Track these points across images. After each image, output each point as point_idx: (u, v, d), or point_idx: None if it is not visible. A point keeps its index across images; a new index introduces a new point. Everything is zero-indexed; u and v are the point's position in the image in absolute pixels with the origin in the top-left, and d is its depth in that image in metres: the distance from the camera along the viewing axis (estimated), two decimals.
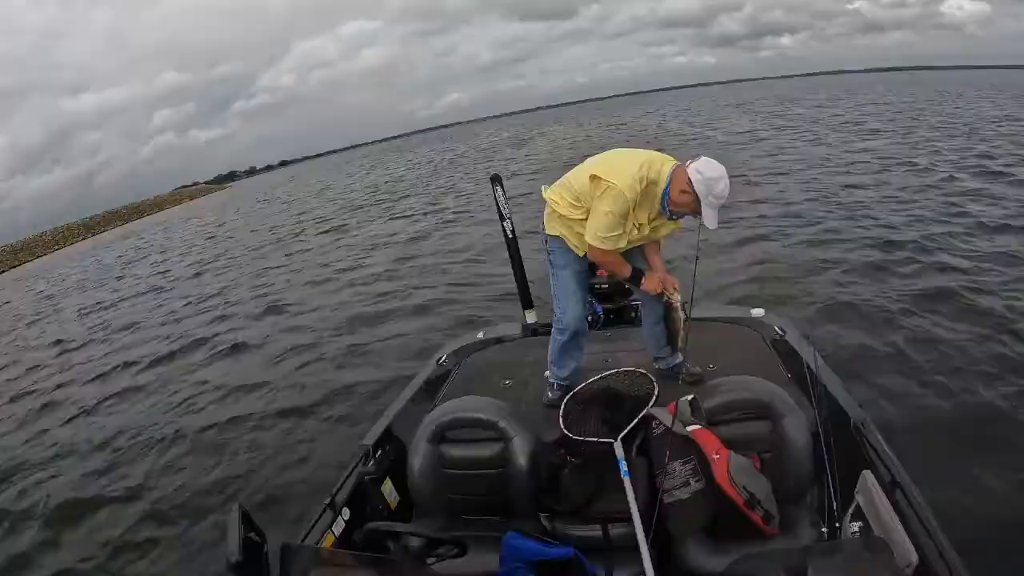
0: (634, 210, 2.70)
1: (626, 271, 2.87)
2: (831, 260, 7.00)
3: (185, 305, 11.24)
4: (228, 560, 1.59)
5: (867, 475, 2.11)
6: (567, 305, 3.03)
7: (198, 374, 7.13)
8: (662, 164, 2.69)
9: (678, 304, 2.85)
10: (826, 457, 2.09)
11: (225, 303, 10.71)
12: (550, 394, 3.10)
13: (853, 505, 2.10)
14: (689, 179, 2.55)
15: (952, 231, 7.58)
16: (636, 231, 2.77)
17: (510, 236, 4.01)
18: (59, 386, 8.08)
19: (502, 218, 3.98)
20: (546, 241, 3.06)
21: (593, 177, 2.72)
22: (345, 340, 7.17)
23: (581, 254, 2.94)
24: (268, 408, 5.64)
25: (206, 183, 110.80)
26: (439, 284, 8.77)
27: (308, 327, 8.05)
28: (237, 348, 7.84)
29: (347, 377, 5.94)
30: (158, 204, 70.88)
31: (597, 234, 2.71)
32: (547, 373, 3.17)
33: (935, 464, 3.14)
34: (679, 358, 3.10)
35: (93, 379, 8.08)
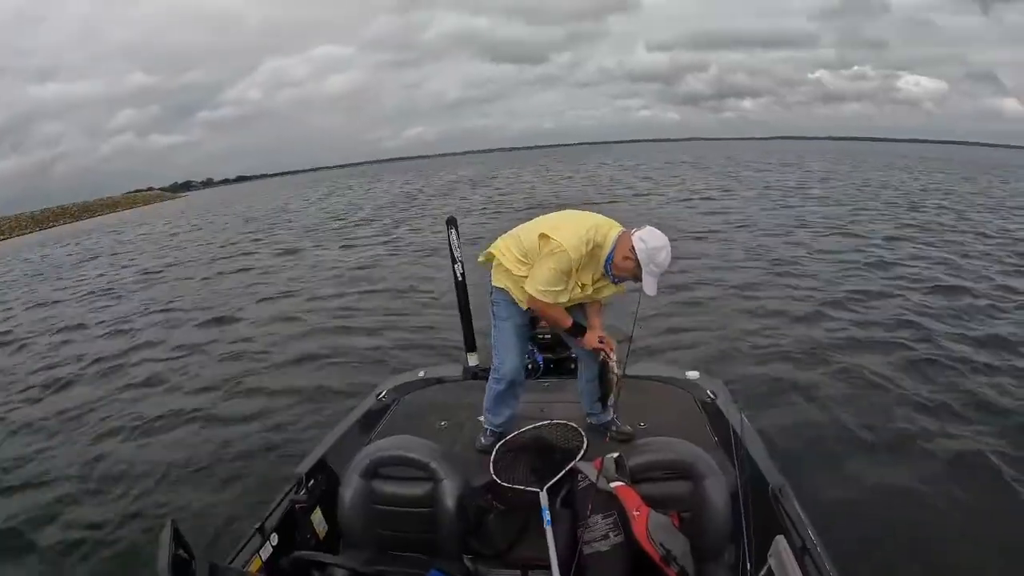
0: (578, 271, 2.79)
1: (566, 323, 2.94)
2: (765, 320, 7.38)
3: (130, 314, 10.96)
4: (157, 573, 1.61)
5: (780, 540, 2.20)
6: (506, 356, 3.10)
7: (127, 393, 6.90)
8: (609, 229, 2.80)
9: (613, 364, 2.92)
10: (743, 520, 2.16)
11: (167, 317, 10.49)
12: (483, 439, 3.15)
13: (765, 568, 2.19)
14: (632, 247, 2.67)
15: (887, 289, 8.41)
16: (579, 291, 2.86)
17: (459, 279, 4.08)
18: None
19: (454, 260, 4.04)
20: (491, 292, 3.13)
21: (542, 236, 2.82)
22: (283, 363, 7.15)
23: (524, 307, 3.02)
24: (198, 429, 5.55)
25: (161, 189, 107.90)
26: (385, 316, 8.82)
27: (249, 347, 7.98)
28: (177, 361, 7.72)
29: (281, 402, 5.90)
30: (110, 205, 68.89)
31: (538, 287, 2.80)
32: (481, 419, 3.23)
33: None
34: (610, 415, 3.18)
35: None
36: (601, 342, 2.94)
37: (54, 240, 34.42)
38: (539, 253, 2.83)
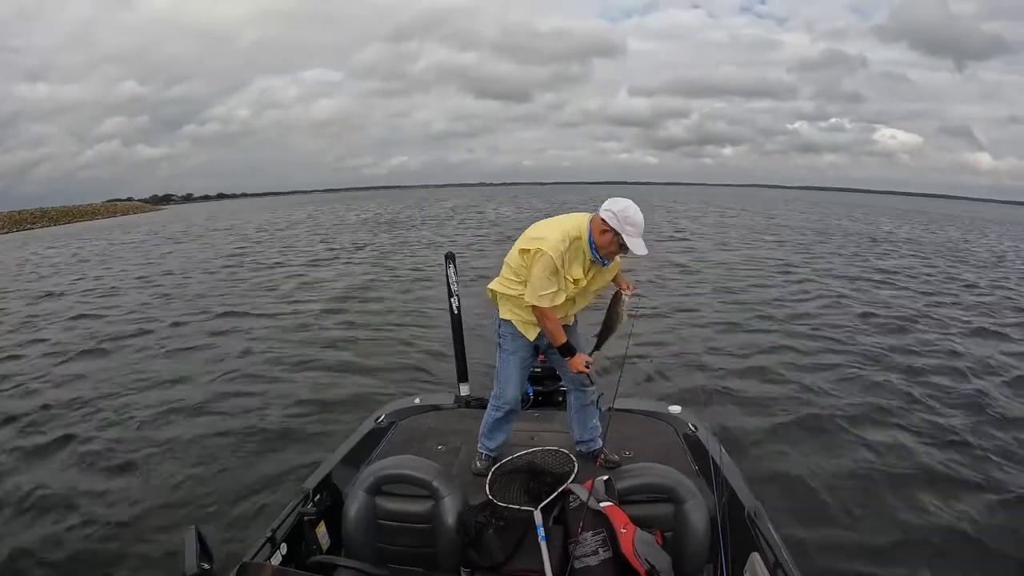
0: (566, 267, 3.00)
1: (560, 339, 3.12)
2: (734, 355, 7.84)
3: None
4: (184, 573, 1.78)
5: (755, 557, 2.43)
6: (507, 387, 3.32)
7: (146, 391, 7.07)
8: (580, 220, 3.05)
9: (626, 300, 3.16)
10: (721, 539, 2.37)
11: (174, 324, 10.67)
12: (478, 463, 3.36)
13: None
14: (603, 219, 2.92)
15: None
16: (573, 286, 3.06)
17: (455, 312, 4.30)
18: None
19: (450, 294, 4.28)
20: (499, 325, 3.33)
21: (522, 251, 3.06)
22: (283, 381, 7.31)
23: (531, 338, 3.23)
24: (206, 444, 5.67)
25: (141, 201, 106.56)
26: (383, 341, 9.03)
27: (254, 365, 8.12)
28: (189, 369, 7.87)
29: (274, 418, 6.10)
30: (90, 212, 67.69)
31: (536, 293, 3.00)
32: (478, 444, 3.44)
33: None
34: (599, 443, 3.40)
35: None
36: (587, 366, 3.15)
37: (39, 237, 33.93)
38: (526, 267, 3.06)
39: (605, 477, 2.61)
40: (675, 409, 3.88)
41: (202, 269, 17.88)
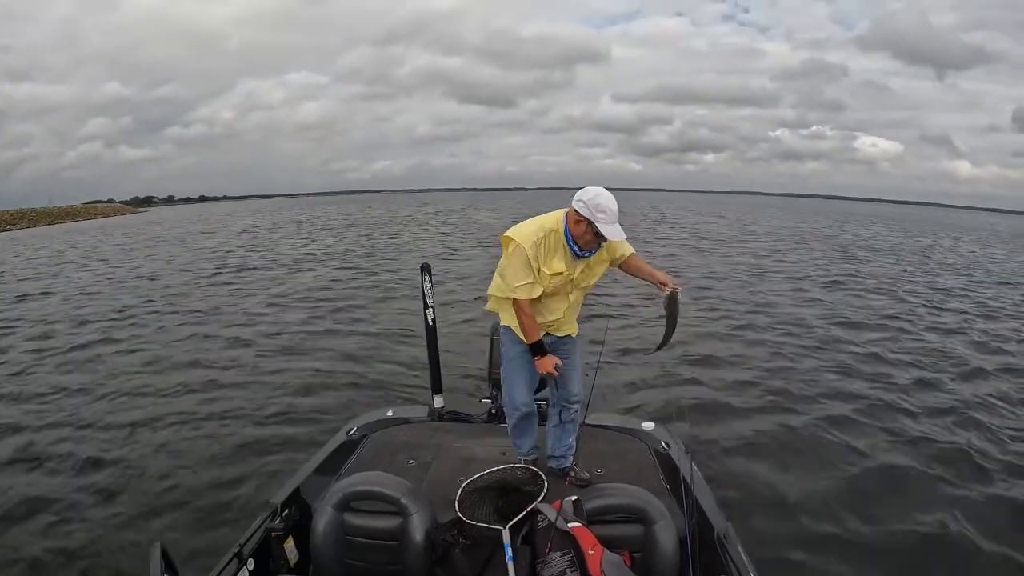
0: (543, 260, 3.03)
1: (532, 336, 3.13)
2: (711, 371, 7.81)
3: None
4: None
5: None
6: (515, 390, 3.34)
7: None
8: (556, 215, 3.08)
9: (680, 297, 3.12)
10: (690, 562, 2.36)
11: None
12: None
13: None
14: (575, 209, 2.94)
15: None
16: (559, 278, 3.08)
17: (430, 324, 4.28)
18: None
19: (425, 305, 4.25)
20: (500, 331, 3.38)
21: (504, 239, 3.11)
22: (252, 391, 7.21)
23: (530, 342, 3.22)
24: (170, 456, 5.57)
25: (122, 203, 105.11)
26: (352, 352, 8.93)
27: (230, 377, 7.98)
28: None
29: (248, 432, 6.00)
30: (71, 214, 66.46)
31: (512, 284, 3.05)
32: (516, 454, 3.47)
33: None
34: (570, 461, 3.39)
35: None
36: (556, 369, 3.14)
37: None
38: (504, 259, 3.12)
39: (574, 497, 2.60)
40: (648, 425, 3.86)
41: (179, 272, 17.83)
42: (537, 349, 3.14)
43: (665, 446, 3.61)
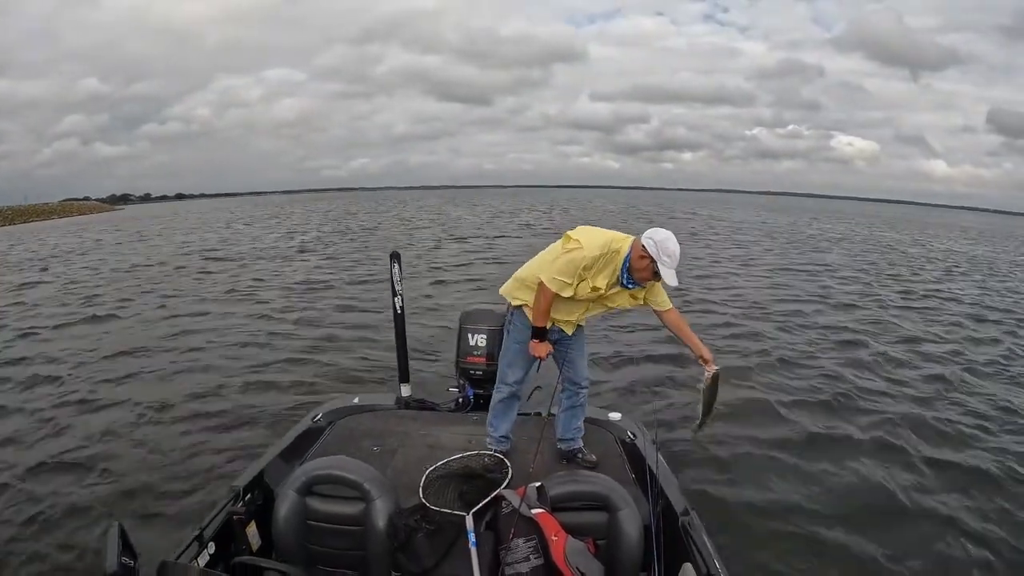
0: (593, 273, 3.07)
1: (542, 321, 3.20)
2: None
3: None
4: (104, 571, 1.72)
5: (687, 567, 2.41)
6: (510, 371, 3.41)
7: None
8: (625, 238, 3.11)
9: (710, 375, 3.13)
10: (655, 548, 2.36)
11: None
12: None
13: None
14: (643, 246, 2.96)
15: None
16: (591, 291, 3.11)
17: (399, 311, 4.23)
18: None
19: (394, 293, 4.20)
20: (511, 314, 3.41)
21: (567, 236, 3.14)
22: (224, 379, 7.09)
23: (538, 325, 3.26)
24: (136, 434, 5.54)
25: (98, 200, 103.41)
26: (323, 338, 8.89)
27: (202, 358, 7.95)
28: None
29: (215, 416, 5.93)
30: (46, 212, 64.95)
31: (551, 275, 3.09)
32: (487, 439, 3.47)
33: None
34: (579, 443, 3.44)
35: None
36: (547, 355, 3.25)
37: None
38: (560, 249, 3.14)
39: (538, 484, 2.58)
40: (615, 416, 3.87)
41: (154, 263, 17.77)
42: (539, 333, 3.22)
43: (631, 436, 3.62)
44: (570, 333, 3.36)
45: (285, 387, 6.69)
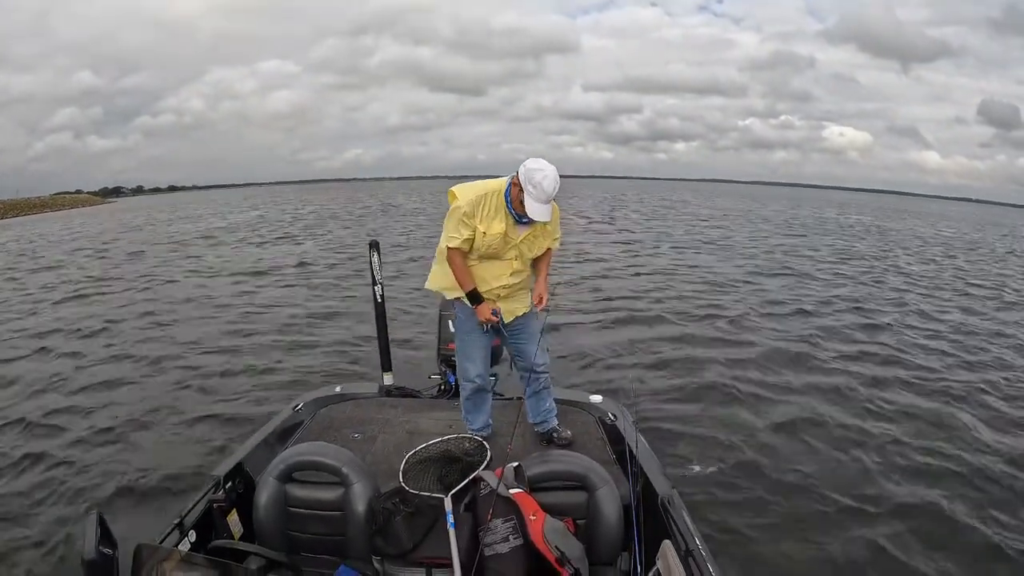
0: (481, 219, 3.01)
1: (467, 285, 3.14)
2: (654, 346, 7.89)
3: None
4: (82, 559, 1.73)
5: (667, 544, 2.41)
6: (469, 364, 3.34)
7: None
8: (503, 179, 3.05)
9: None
10: (635, 527, 2.36)
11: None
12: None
13: (653, 570, 2.39)
14: (517, 172, 2.92)
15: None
16: (496, 238, 3.05)
17: (379, 300, 4.23)
18: None
19: (374, 282, 4.19)
20: (453, 308, 3.36)
21: (449, 193, 3.11)
22: (208, 367, 7.10)
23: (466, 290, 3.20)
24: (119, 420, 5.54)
25: (90, 193, 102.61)
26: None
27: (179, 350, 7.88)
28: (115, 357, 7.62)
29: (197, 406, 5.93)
30: (39, 205, 64.37)
31: (447, 236, 3.06)
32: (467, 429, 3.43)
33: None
34: (553, 423, 3.43)
35: None
36: (495, 315, 3.17)
37: None
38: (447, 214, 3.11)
39: (515, 464, 2.59)
40: (595, 398, 3.87)
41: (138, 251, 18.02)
42: (473, 298, 3.15)
43: (612, 417, 3.63)
44: (510, 320, 3.29)
45: (267, 377, 6.68)
